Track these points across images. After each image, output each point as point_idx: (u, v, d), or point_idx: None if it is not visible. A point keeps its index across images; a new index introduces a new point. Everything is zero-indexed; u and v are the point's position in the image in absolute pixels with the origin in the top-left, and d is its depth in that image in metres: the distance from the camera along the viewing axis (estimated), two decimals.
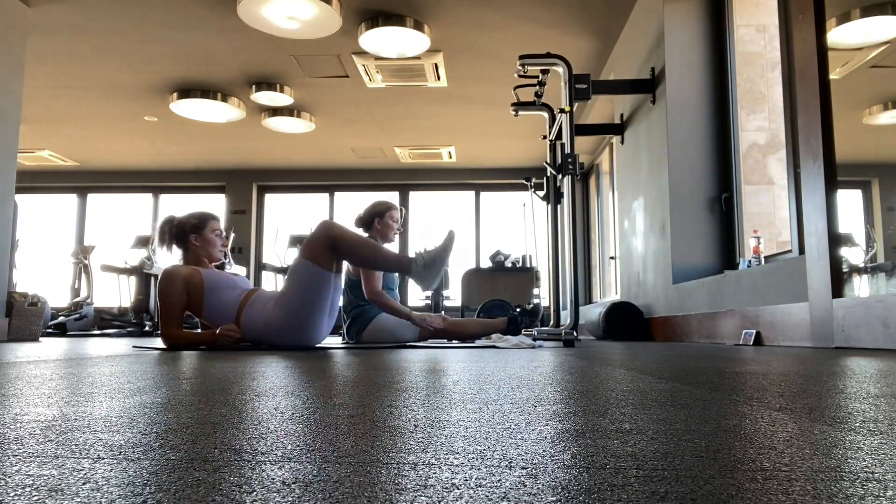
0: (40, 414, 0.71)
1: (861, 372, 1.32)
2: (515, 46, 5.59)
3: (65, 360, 1.84)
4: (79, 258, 8.19)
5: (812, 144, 2.76)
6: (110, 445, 0.53)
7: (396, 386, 1.04)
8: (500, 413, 0.72)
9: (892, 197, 2.79)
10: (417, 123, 7.62)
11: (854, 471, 0.44)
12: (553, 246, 4.08)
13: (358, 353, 2.37)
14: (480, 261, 9.57)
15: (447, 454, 0.49)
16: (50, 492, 0.38)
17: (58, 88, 6.62)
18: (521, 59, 3.88)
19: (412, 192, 10.02)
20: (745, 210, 3.97)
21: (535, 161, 9.27)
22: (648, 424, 0.64)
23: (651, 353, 2.26)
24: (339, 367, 1.52)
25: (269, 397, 0.87)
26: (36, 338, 4.75)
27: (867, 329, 2.43)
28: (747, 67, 4.07)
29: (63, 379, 1.17)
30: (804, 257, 2.85)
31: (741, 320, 3.40)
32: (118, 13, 5.06)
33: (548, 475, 0.42)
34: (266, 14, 4.59)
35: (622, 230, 5.69)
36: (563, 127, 3.79)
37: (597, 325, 5.01)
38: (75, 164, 9.57)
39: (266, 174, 9.86)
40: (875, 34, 2.87)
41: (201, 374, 1.27)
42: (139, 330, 7.37)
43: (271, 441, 0.55)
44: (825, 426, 0.63)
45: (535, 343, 3.14)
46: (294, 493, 0.38)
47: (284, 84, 6.44)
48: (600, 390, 0.97)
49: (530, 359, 1.93)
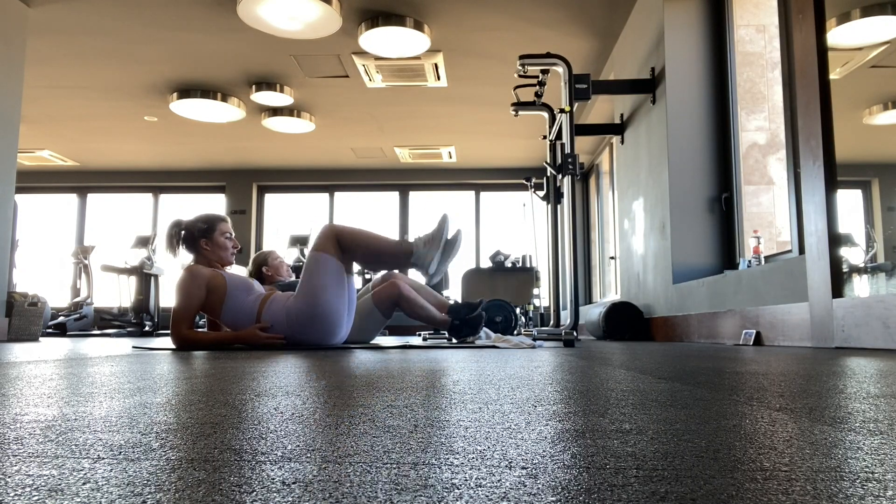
0: (40, 414, 0.71)
1: (861, 372, 1.32)
2: (515, 46, 5.59)
3: (65, 360, 1.84)
4: (79, 258, 8.19)
5: (812, 144, 2.76)
6: (110, 445, 0.53)
7: (396, 386, 1.04)
8: (500, 413, 0.72)
9: (892, 197, 2.79)
10: (417, 123, 7.62)
11: (854, 471, 0.44)
12: (553, 246, 4.08)
13: (358, 353, 2.36)
14: (480, 261, 9.58)
15: (447, 454, 0.49)
16: (50, 492, 0.38)
17: (58, 88, 6.62)
18: (521, 59, 3.88)
19: (412, 192, 10.02)
20: (745, 210, 3.97)
21: (535, 161, 9.27)
22: (648, 424, 0.64)
23: (651, 353, 2.26)
24: (339, 366, 1.52)
25: (269, 397, 0.87)
26: (36, 338, 4.75)
27: (867, 329, 2.43)
28: (747, 67, 4.07)
29: (63, 379, 1.17)
30: (804, 257, 2.85)
31: (741, 320, 3.40)
32: (118, 13, 5.06)
33: (548, 475, 0.42)
34: (266, 14, 4.59)
35: (622, 230, 5.69)
36: (563, 127, 3.79)
37: (597, 325, 5.01)
38: (75, 164, 9.57)
39: (266, 174, 9.86)
40: (875, 34, 2.87)
41: (201, 374, 1.27)
42: (139, 330, 7.37)
43: (271, 441, 0.55)
44: (825, 426, 0.63)
45: (535, 343, 3.15)
46: (294, 493, 0.38)
47: (284, 84, 6.44)
48: (600, 390, 0.97)
49: (530, 359, 1.93)
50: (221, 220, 2.96)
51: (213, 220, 2.94)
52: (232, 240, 2.97)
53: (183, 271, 2.81)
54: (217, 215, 2.98)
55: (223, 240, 2.92)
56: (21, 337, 4.66)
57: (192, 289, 2.74)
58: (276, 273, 3.83)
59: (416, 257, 2.79)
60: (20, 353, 2.27)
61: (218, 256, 2.91)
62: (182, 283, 2.76)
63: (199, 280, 2.76)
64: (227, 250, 2.93)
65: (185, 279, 2.76)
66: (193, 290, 2.75)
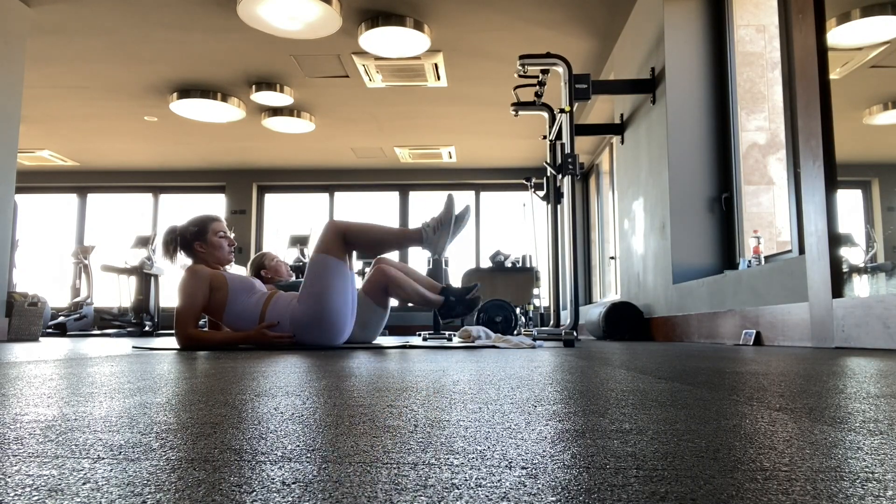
0: (40, 414, 0.71)
1: (861, 372, 1.32)
2: (515, 46, 5.59)
3: (65, 360, 1.84)
4: (79, 258, 8.19)
5: (812, 144, 2.76)
6: (110, 445, 0.53)
7: (396, 386, 1.04)
8: (500, 413, 0.72)
9: (892, 197, 2.79)
10: (417, 123, 7.62)
11: (854, 471, 0.44)
12: (553, 246, 4.08)
13: (358, 353, 2.36)
14: (480, 261, 9.57)
15: (447, 454, 0.49)
16: (50, 492, 0.38)
17: (58, 88, 6.62)
18: (521, 59, 3.88)
19: (412, 192, 10.03)
20: (745, 210, 3.97)
21: (535, 161, 9.27)
22: (648, 424, 0.64)
23: (651, 353, 2.26)
24: (338, 366, 1.52)
25: (269, 397, 0.87)
26: (36, 338, 4.75)
27: (867, 329, 2.43)
28: (747, 67, 4.07)
29: (63, 379, 1.17)
30: (804, 257, 2.85)
31: (741, 320, 3.40)
32: (118, 13, 5.06)
33: (548, 475, 0.42)
34: (266, 14, 4.59)
35: (622, 230, 5.69)
36: (563, 127, 3.79)
37: (597, 325, 5.01)
38: (75, 164, 9.57)
39: (266, 174, 9.86)
40: (875, 34, 2.87)
41: (201, 374, 1.27)
42: (139, 330, 7.37)
43: (271, 441, 0.55)
44: (825, 426, 0.63)
45: (534, 343, 3.15)
46: (294, 493, 0.38)
47: (284, 84, 6.44)
48: (600, 390, 0.97)
49: (530, 359, 1.93)
50: (213, 220, 2.92)
51: (204, 221, 2.90)
52: (227, 238, 2.93)
53: (184, 271, 2.80)
54: (208, 216, 2.93)
55: (217, 240, 2.89)
56: (21, 337, 4.66)
57: (195, 288, 2.73)
58: (275, 274, 3.82)
59: (425, 243, 2.80)
60: (20, 353, 2.27)
61: (215, 257, 2.89)
62: (184, 283, 2.74)
63: (202, 279, 2.75)
64: (223, 249, 2.90)
65: (187, 279, 2.75)
66: (196, 288, 2.73)
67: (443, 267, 5.24)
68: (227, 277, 2.81)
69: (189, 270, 2.78)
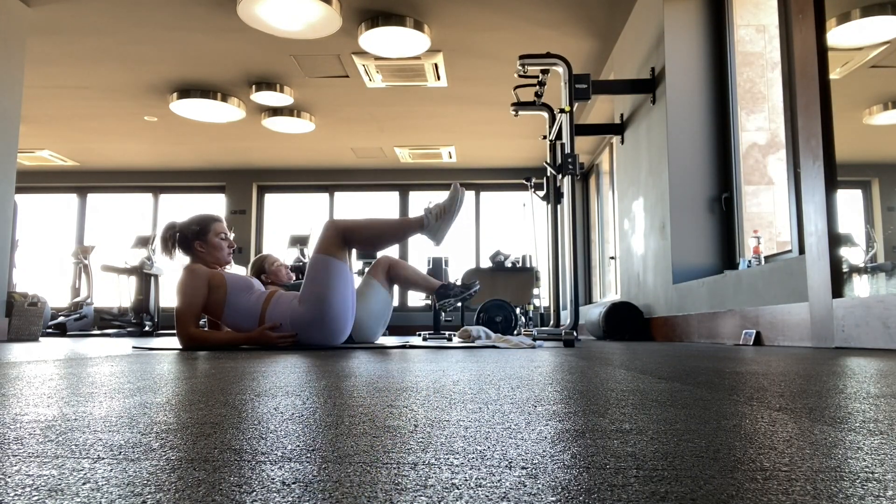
0: (40, 414, 0.71)
1: (861, 372, 1.32)
2: (515, 46, 5.59)
3: (65, 360, 1.84)
4: (79, 258, 8.19)
5: (812, 144, 2.76)
6: (110, 445, 0.53)
7: (396, 385, 1.04)
8: (500, 413, 0.72)
9: (892, 197, 2.79)
10: (417, 123, 7.62)
11: (854, 471, 0.44)
12: (553, 246, 4.08)
13: (358, 353, 2.36)
14: (480, 261, 9.58)
15: (447, 454, 0.49)
16: (50, 492, 0.38)
17: (58, 88, 6.62)
18: (521, 59, 3.88)
19: (412, 192, 10.03)
20: (745, 210, 3.97)
21: (535, 161, 9.27)
22: (648, 424, 0.64)
23: (651, 353, 2.26)
24: (338, 367, 1.52)
25: (269, 397, 0.87)
26: (36, 338, 4.75)
27: (867, 329, 2.43)
28: (747, 67, 4.07)
29: (63, 379, 1.17)
30: (804, 257, 2.85)
31: (741, 320, 3.40)
32: (118, 13, 5.06)
33: (548, 475, 0.42)
34: (266, 14, 4.59)
35: (622, 230, 5.69)
36: (563, 127, 3.79)
37: (597, 325, 5.00)
38: (75, 164, 9.57)
39: (266, 174, 9.87)
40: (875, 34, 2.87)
41: (201, 374, 1.27)
42: (139, 330, 7.37)
43: (271, 441, 0.55)
44: (825, 426, 0.63)
45: (534, 343, 3.15)
46: (294, 493, 0.38)
47: (284, 84, 6.44)
48: (600, 390, 0.97)
49: (530, 359, 1.93)
50: (215, 220, 2.91)
51: (205, 220, 2.89)
52: (227, 240, 2.92)
53: (183, 271, 2.79)
54: (210, 216, 2.92)
55: (217, 240, 2.87)
56: (21, 337, 4.66)
57: (193, 287, 2.72)
58: (275, 278, 3.80)
59: (427, 230, 2.80)
60: (20, 353, 2.27)
61: (214, 257, 2.87)
62: (183, 283, 2.74)
63: (200, 278, 2.74)
64: (223, 251, 2.89)
65: (185, 278, 2.75)
66: (195, 288, 2.72)
67: (443, 267, 5.24)
68: (226, 276, 2.81)
69: (187, 270, 2.78)
